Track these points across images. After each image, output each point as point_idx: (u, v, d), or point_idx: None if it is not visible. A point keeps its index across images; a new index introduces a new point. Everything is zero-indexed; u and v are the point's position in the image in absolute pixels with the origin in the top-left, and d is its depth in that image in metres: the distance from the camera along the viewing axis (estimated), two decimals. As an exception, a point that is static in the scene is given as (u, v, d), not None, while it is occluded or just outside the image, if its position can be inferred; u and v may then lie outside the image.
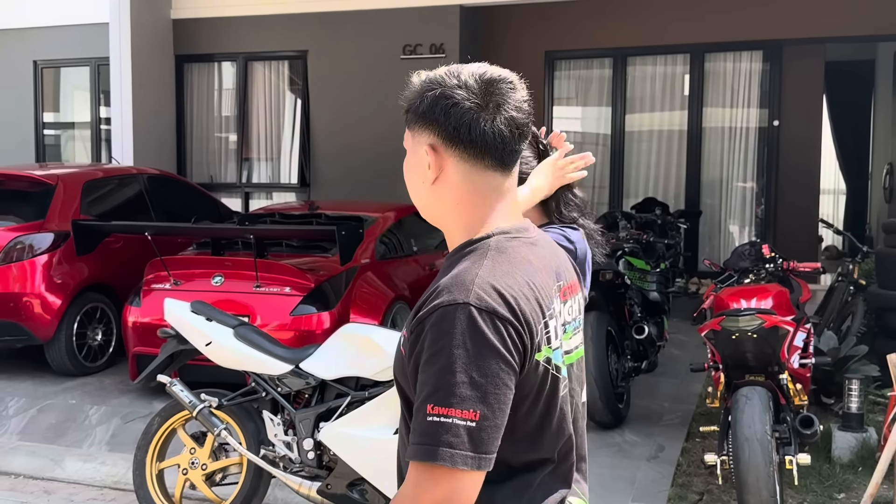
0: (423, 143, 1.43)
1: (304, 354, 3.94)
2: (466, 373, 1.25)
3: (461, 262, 1.38)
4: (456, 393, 1.24)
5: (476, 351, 1.26)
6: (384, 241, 6.54)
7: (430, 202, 1.48)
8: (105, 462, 5.00)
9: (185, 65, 10.77)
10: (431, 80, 1.43)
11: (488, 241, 1.41)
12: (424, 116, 1.41)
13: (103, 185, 7.15)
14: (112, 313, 6.67)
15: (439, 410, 1.24)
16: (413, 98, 1.45)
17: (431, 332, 1.29)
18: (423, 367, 1.29)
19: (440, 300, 1.31)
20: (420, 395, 1.28)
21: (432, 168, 1.43)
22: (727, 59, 9.85)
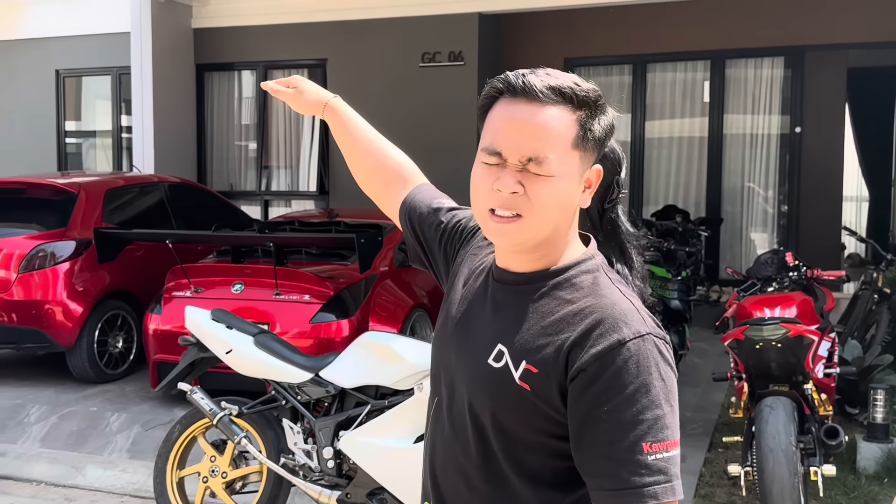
0: (584, 168, 1.37)
1: (323, 363, 3.93)
2: (668, 403, 1.25)
3: (593, 289, 1.32)
4: (667, 425, 1.23)
5: (669, 380, 1.27)
6: (403, 249, 6.52)
7: (565, 222, 1.37)
8: (126, 469, 5.01)
9: (206, 73, 10.85)
10: (594, 92, 1.41)
11: (599, 261, 1.39)
12: (601, 143, 1.39)
13: (125, 193, 7.20)
14: (133, 320, 6.70)
15: (658, 447, 1.22)
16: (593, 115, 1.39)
17: (626, 369, 1.23)
18: (618, 406, 1.22)
19: (621, 335, 1.25)
20: (625, 436, 1.21)
21: (592, 187, 1.41)
22: (748, 66, 9.79)
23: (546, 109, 1.32)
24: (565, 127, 1.32)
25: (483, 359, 1.34)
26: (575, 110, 1.34)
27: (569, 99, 1.33)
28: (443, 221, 1.63)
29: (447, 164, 9.76)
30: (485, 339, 1.36)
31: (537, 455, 1.31)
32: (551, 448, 1.30)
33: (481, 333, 1.37)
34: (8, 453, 5.25)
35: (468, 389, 1.35)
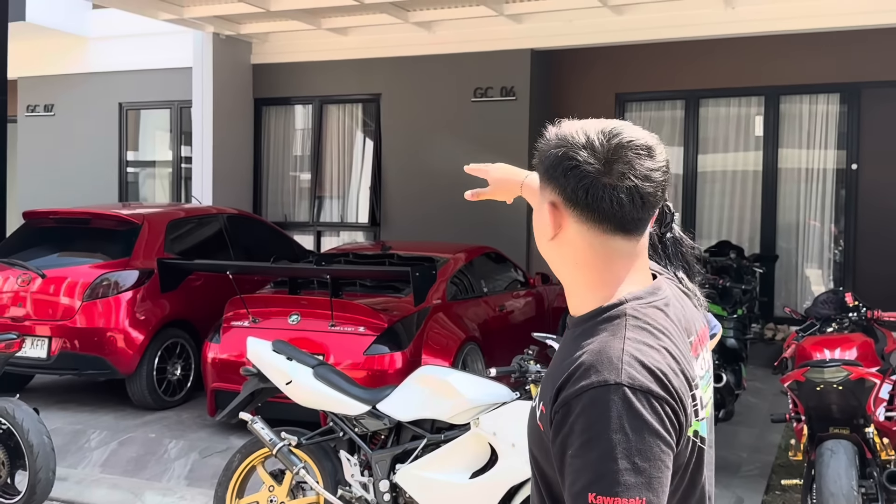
0: (546, 199, 1.37)
1: (381, 395, 3.99)
2: (628, 459, 1.18)
3: (599, 334, 1.30)
4: (620, 481, 1.17)
5: (636, 435, 1.19)
6: (455, 282, 6.59)
7: (551, 258, 1.40)
8: (184, 497, 5.10)
9: (263, 107, 11.13)
10: (560, 135, 1.38)
11: (623, 308, 1.32)
12: (548, 173, 1.36)
13: (185, 225, 7.40)
14: (191, 349, 6.85)
15: (603, 500, 1.17)
16: (542, 152, 1.39)
17: (584, 416, 1.21)
18: (576, 452, 1.21)
19: (588, 381, 1.22)
20: (577, 482, 1.20)
21: (551, 226, 1.35)
22: (803, 101, 9.72)
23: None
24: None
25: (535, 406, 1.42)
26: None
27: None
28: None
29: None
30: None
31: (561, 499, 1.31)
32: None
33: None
34: (69, 478, 5.38)
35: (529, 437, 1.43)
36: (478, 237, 8.17)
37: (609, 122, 1.37)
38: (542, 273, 8.28)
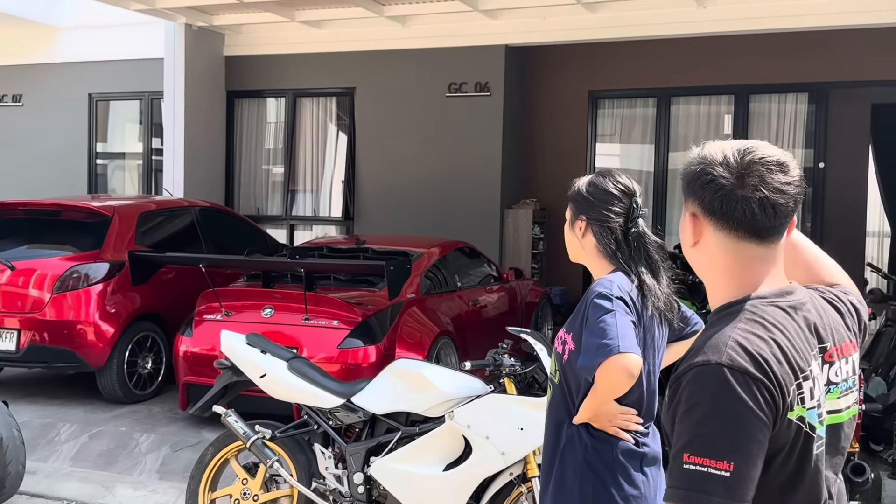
0: (687, 210, 1.56)
1: (355, 388, 4.01)
2: (721, 427, 1.36)
3: (719, 325, 1.48)
4: (712, 445, 1.35)
5: (730, 408, 1.37)
6: (429, 277, 6.61)
7: (694, 262, 1.60)
8: (156, 490, 5.09)
9: (236, 100, 11.06)
10: (702, 154, 1.55)
11: (744, 305, 1.50)
12: (689, 188, 1.55)
13: (157, 217, 7.34)
14: (162, 342, 6.81)
15: (695, 460, 1.35)
16: (685, 167, 1.58)
17: (688, 389, 1.41)
18: (679, 419, 1.41)
19: (695, 361, 1.42)
20: (677, 444, 1.40)
21: (691, 234, 1.55)
22: (772, 101, 9.87)
23: None
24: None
25: None
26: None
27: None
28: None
29: (473, 190, 9.89)
30: None
31: None
32: None
33: None
34: (39, 471, 5.34)
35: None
36: (451, 232, 8.20)
37: (745, 142, 1.54)
38: (515, 268, 8.34)
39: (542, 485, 2.49)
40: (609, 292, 2.31)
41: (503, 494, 3.69)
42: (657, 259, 2.45)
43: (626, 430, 2.37)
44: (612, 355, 2.20)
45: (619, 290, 2.33)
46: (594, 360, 2.23)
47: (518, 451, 3.58)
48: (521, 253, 9.93)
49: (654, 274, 2.43)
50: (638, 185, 2.53)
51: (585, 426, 2.37)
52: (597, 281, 2.41)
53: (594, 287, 2.37)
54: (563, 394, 2.42)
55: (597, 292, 2.33)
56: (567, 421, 2.40)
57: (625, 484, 2.32)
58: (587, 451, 2.34)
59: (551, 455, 2.43)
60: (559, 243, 10.79)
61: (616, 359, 2.20)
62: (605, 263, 2.47)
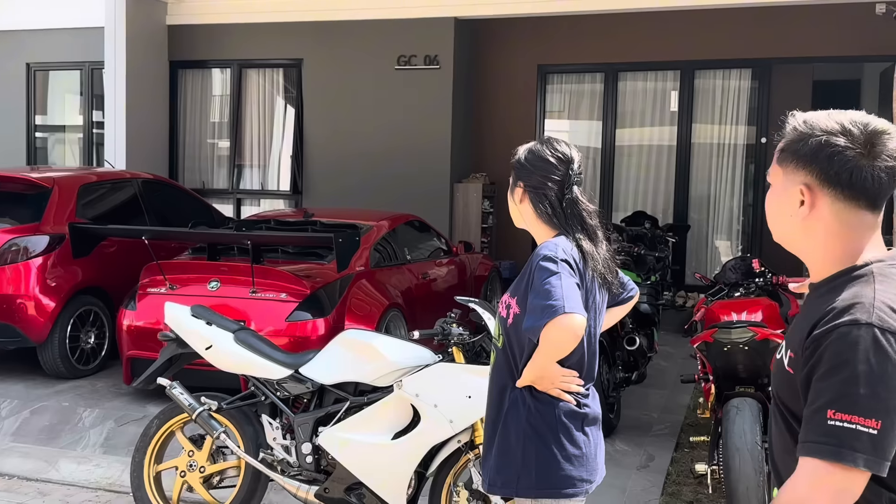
0: (797, 182, 1.55)
1: (303, 359, 3.99)
2: (870, 386, 1.37)
3: (848, 288, 1.49)
4: (859, 403, 1.37)
5: (880, 368, 1.38)
6: (378, 250, 6.59)
7: (797, 234, 1.59)
8: (100, 464, 5.01)
9: (180, 70, 10.83)
10: (813, 124, 1.55)
11: (870, 268, 1.52)
12: (806, 159, 1.53)
13: (98, 189, 7.17)
14: (105, 317, 6.68)
15: (842, 416, 1.37)
16: (793, 139, 1.57)
17: (833, 348, 1.41)
18: (821, 377, 1.41)
19: (841, 321, 1.43)
20: (818, 401, 1.41)
21: (806, 205, 1.54)
22: (716, 77, 10.02)
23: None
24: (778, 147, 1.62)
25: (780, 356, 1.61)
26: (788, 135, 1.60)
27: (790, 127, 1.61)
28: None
29: (423, 164, 9.86)
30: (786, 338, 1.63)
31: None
32: None
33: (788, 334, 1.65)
34: (-22, 448, 5.22)
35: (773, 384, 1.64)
36: (401, 206, 8.18)
37: (856, 113, 1.56)
38: (465, 241, 8.37)
39: (484, 448, 2.51)
40: (554, 255, 2.33)
41: (451, 461, 3.72)
42: (592, 224, 2.49)
43: (568, 392, 2.41)
44: (557, 316, 2.22)
45: (563, 252, 2.35)
46: (539, 320, 2.25)
47: (466, 419, 3.60)
48: (470, 227, 9.96)
49: (591, 239, 2.46)
50: (578, 153, 2.56)
51: (528, 389, 2.39)
52: (541, 244, 2.43)
53: (539, 250, 2.39)
54: (506, 358, 2.44)
55: (542, 255, 2.35)
56: (510, 385, 2.42)
57: (567, 444, 2.36)
58: (530, 413, 2.37)
59: (494, 418, 2.46)
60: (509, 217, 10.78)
61: (561, 319, 2.22)
62: (546, 229, 2.50)
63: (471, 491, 3.65)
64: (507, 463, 2.39)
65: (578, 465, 2.37)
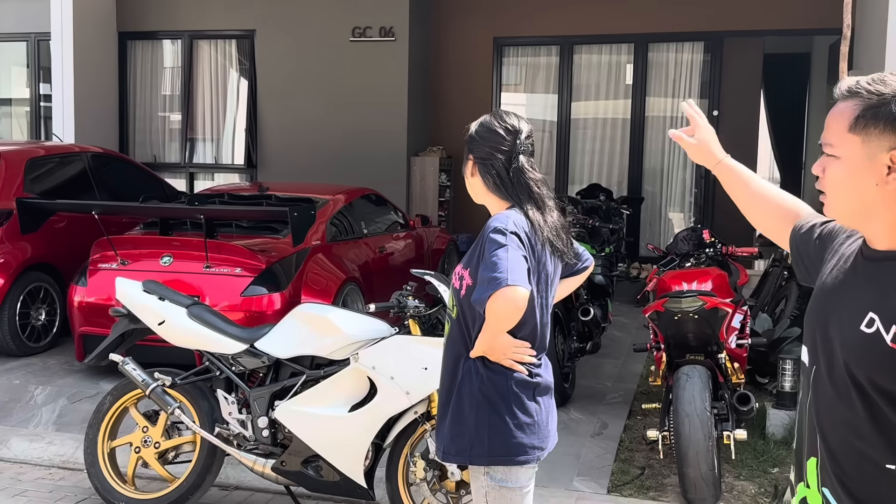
0: (883, 149, 1.47)
1: (258, 334, 3.97)
2: None
3: None
4: None
5: None
6: (334, 224, 6.57)
7: (877, 205, 1.51)
8: (53, 442, 4.95)
9: (129, 42, 10.59)
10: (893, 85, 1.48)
11: None
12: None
13: (46, 163, 7.02)
14: (56, 293, 6.57)
15: None
16: (873, 103, 1.48)
17: None
18: None
19: None
20: None
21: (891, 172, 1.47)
22: (670, 50, 10.09)
23: (838, 104, 1.55)
24: (844, 115, 1.51)
25: (856, 326, 1.48)
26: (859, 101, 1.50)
27: (854, 94, 1.52)
28: (815, 233, 1.81)
29: (379, 138, 9.81)
30: (856, 309, 1.50)
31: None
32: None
33: (853, 305, 1.51)
34: (-74, 428, 5.12)
35: (844, 354, 1.51)
36: (358, 180, 8.14)
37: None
38: (422, 215, 8.37)
39: (438, 417, 2.54)
40: (504, 227, 2.36)
41: (408, 432, 3.76)
42: (539, 193, 2.51)
43: (521, 363, 2.44)
44: (500, 288, 2.25)
45: (514, 225, 2.38)
46: (485, 293, 2.28)
47: (422, 390, 3.63)
48: (427, 201, 9.96)
49: (538, 208, 2.49)
50: (528, 125, 2.57)
51: (481, 359, 2.42)
52: (493, 217, 2.46)
53: (490, 223, 2.41)
54: (460, 329, 2.47)
55: (492, 227, 2.37)
56: (464, 355, 2.45)
57: (518, 413, 2.40)
58: (483, 383, 2.41)
59: (448, 388, 2.49)
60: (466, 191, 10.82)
61: (504, 291, 2.25)
62: (497, 200, 2.52)
63: (427, 461, 3.69)
64: (461, 432, 2.42)
65: (530, 432, 2.41)
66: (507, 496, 2.41)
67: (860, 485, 1.50)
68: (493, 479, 2.41)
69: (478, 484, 2.45)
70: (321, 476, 3.79)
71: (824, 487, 1.57)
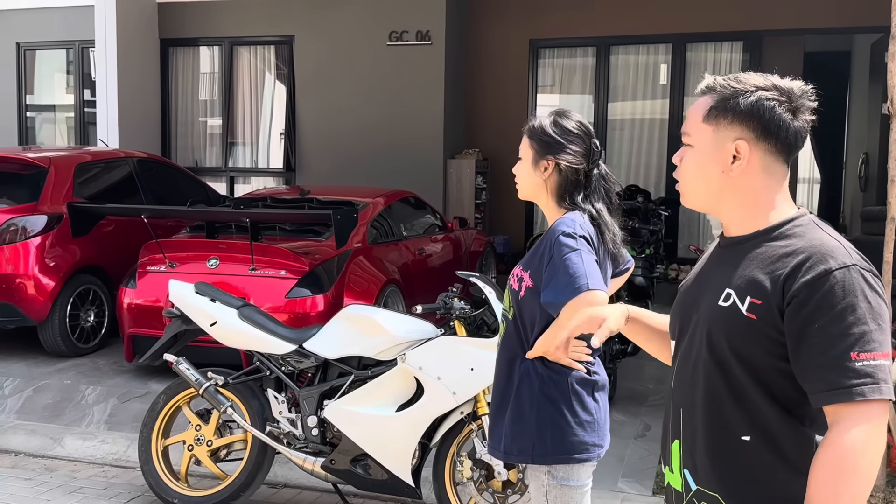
0: (730, 138, 1.60)
1: (307, 334, 4.05)
2: (875, 321, 1.47)
3: (801, 236, 1.57)
4: (874, 339, 1.46)
5: (876, 303, 1.49)
6: (375, 226, 6.64)
7: (725, 191, 1.64)
8: (105, 440, 5.08)
9: (171, 49, 10.78)
10: (746, 81, 1.61)
11: (809, 218, 1.62)
12: (743, 114, 1.59)
13: (94, 168, 7.18)
14: (104, 295, 6.72)
15: (865, 356, 1.44)
16: (725, 96, 1.61)
17: (832, 294, 1.47)
18: (826, 324, 1.46)
19: (828, 266, 1.49)
20: (834, 348, 1.45)
21: (742, 160, 1.60)
22: (708, 49, 10.04)
23: (699, 99, 1.68)
24: (700, 107, 1.65)
25: (715, 303, 1.61)
26: (714, 95, 1.63)
27: (711, 89, 1.65)
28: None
29: (416, 140, 9.88)
30: (716, 289, 1.63)
31: (769, 374, 1.55)
32: (781, 369, 1.54)
33: (712, 287, 1.64)
34: (-17, 426, 5.27)
35: (706, 328, 1.62)
36: (394, 183, 8.21)
37: (775, 77, 1.64)
38: (460, 217, 8.41)
39: (492, 419, 2.55)
40: (573, 231, 2.37)
41: (454, 432, 3.81)
42: (615, 200, 2.54)
43: (578, 361, 2.47)
44: (581, 293, 2.26)
45: (580, 228, 2.39)
46: (561, 296, 2.28)
47: (468, 391, 3.68)
48: (464, 202, 10.01)
49: (612, 215, 2.51)
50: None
51: (540, 359, 2.45)
52: (559, 220, 2.45)
53: (557, 226, 2.41)
54: (516, 330, 2.49)
55: (561, 231, 2.38)
56: (520, 355, 2.47)
57: (579, 410, 2.42)
58: (543, 383, 2.43)
59: (504, 388, 2.51)
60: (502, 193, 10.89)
61: (586, 296, 2.26)
62: (561, 203, 2.51)
63: (474, 460, 3.74)
64: (522, 430, 2.43)
65: (591, 430, 2.43)
66: (568, 494, 2.43)
67: (718, 460, 1.59)
68: (555, 477, 2.42)
69: (538, 483, 2.46)
70: (369, 474, 3.86)
71: (685, 469, 1.65)
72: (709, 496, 1.62)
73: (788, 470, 1.54)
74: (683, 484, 1.67)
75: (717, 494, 1.60)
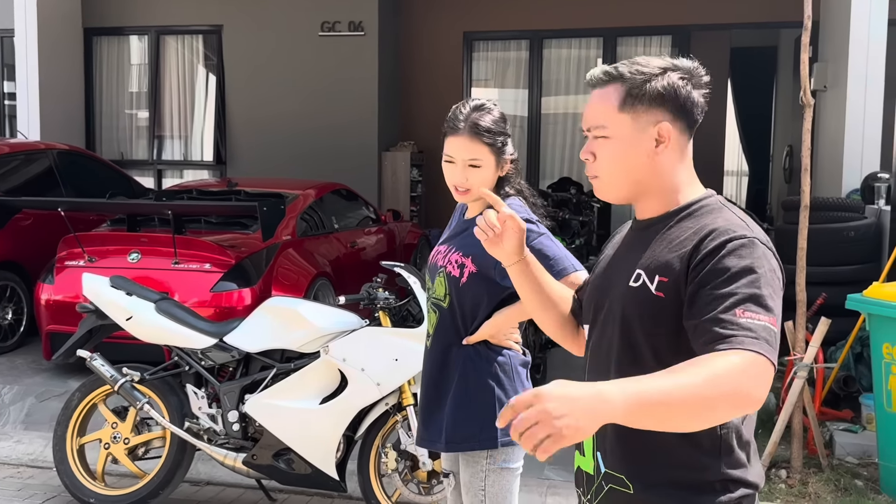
0: (651, 122, 1.61)
1: (228, 328, 3.95)
2: (769, 288, 1.49)
3: (709, 215, 1.61)
4: (765, 303, 1.46)
5: (772, 274, 1.51)
6: (305, 219, 6.54)
7: (647, 176, 1.64)
8: (21, 440, 4.89)
9: (95, 38, 10.46)
10: (648, 65, 1.63)
11: (716, 199, 1.66)
12: (659, 98, 1.61)
13: (10, 161, 6.91)
14: (22, 292, 6.48)
15: (751, 315, 1.44)
16: (634, 84, 1.62)
17: (728, 259, 1.49)
18: (719, 285, 1.48)
19: (729, 236, 1.52)
20: (720, 305, 1.45)
21: (666, 141, 1.62)
22: (638, 44, 10.16)
23: (598, 90, 1.68)
24: (611, 98, 1.65)
25: (626, 284, 1.63)
26: (622, 84, 1.64)
27: (614, 78, 1.65)
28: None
29: (350, 133, 9.78)
30: (627, 270, 1.64)
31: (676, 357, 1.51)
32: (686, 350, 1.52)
33: (624, 269, 1.66)
34: None
35: (619, 308, 1.64)
36: (328, 176, 8.11)
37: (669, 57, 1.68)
38: (393, 210, 8.36)
39: (425, 411, 2.49)
40: (529, 217, 2.37)
41: (379, 424, 3.76)
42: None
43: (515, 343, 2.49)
44: (567, 274, 2.29)
45: (532, 214, 2.42)
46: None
47: (393, 382, 3.63)
48: (399, 195, 9.95)
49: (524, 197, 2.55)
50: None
51: (483, 343, 2.42)
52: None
53: None
54: (452, 317, 2.44)
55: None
56: (456, 343, 2.43)
57: (521, 390, 2.41)
58: (490, 366, 2.41)
59: (438, 379, 2.45)
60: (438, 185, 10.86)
61: (580, 274, 2.31)
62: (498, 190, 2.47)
63: (399, 452, 3.70)
64: (468, 416, 2.39)
65: None
66: (505, 478, 2.40)
67: (626, 442, 1.60)
68: (496, 461, 2.39)
69: (475, 469, 2.41)
70: (292, 469, 3.79)
71: (598, 451, 1.67)
72: (615, 478, 1.63)
73: (690, 447, 1.55)
74: (595, 467, 1.67)
75: (622, 476, 1.61)
